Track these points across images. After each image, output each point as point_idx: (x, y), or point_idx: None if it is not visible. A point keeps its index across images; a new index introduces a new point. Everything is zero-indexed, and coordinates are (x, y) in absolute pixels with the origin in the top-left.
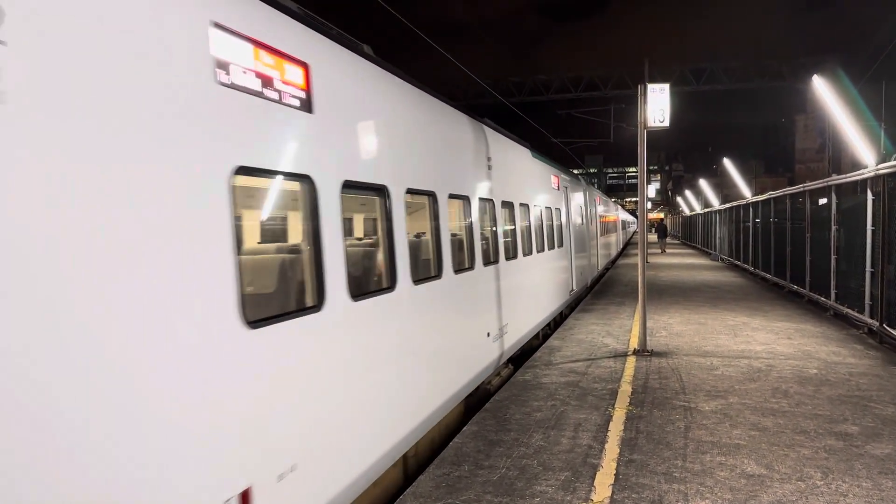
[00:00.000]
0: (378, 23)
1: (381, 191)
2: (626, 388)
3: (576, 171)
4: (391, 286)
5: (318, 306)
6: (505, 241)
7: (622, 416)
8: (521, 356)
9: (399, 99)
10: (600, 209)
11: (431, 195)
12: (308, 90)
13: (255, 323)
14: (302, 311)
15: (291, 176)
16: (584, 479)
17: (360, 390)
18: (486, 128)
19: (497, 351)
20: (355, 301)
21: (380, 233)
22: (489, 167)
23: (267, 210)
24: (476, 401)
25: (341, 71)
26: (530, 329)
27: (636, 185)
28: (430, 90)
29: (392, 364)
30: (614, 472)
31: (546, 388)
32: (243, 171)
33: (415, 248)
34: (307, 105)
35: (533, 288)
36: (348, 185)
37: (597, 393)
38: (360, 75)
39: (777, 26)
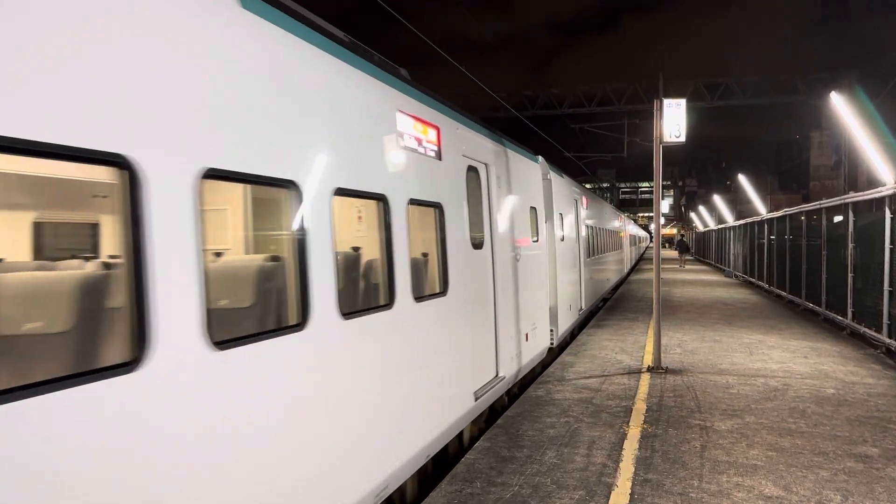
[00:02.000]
0: (390, 35)
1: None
2: (640, 406)
3: (588, 185)
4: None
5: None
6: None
7: (637, 434)
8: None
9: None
10: (588, 216)
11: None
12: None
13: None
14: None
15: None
16: (598, 498)
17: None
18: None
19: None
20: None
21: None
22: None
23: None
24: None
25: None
26: None
27: (649, 199)
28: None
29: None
30: (629, 491)
31: (559, 405)
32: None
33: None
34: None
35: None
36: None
37: (611, 410)
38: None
39: (793, 41)
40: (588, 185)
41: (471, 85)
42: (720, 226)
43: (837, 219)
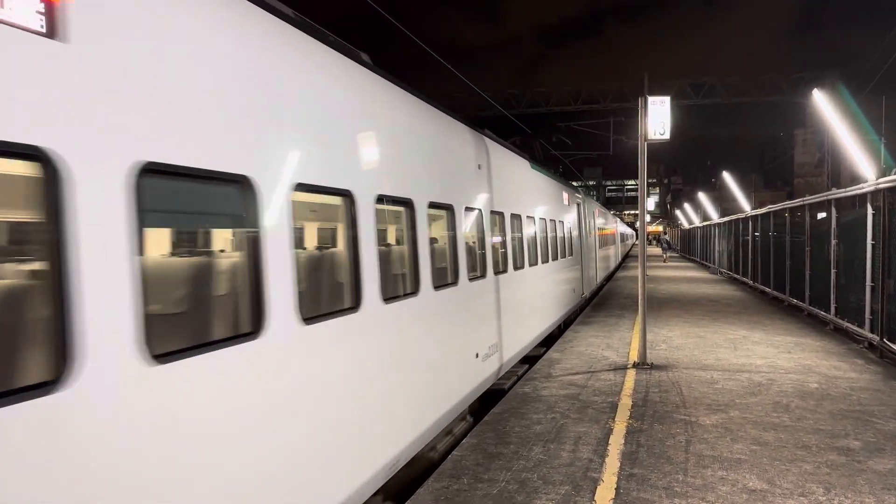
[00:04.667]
0: (382, 37)
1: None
2: (626, 402)
3: (575, 184)
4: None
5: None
6: None
7: (622, 429)
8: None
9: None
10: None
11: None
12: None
13: None
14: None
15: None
16: (584, 493)
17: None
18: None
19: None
20: None
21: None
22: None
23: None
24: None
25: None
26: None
27: (635, 198)
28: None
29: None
30: (615, 486)
31: (546, 401)
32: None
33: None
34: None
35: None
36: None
37: (597, 406)
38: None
39: (776, 41)
40: (575, 184)
41: (458, 85)
42: (705, 223)
43: (821, 215)
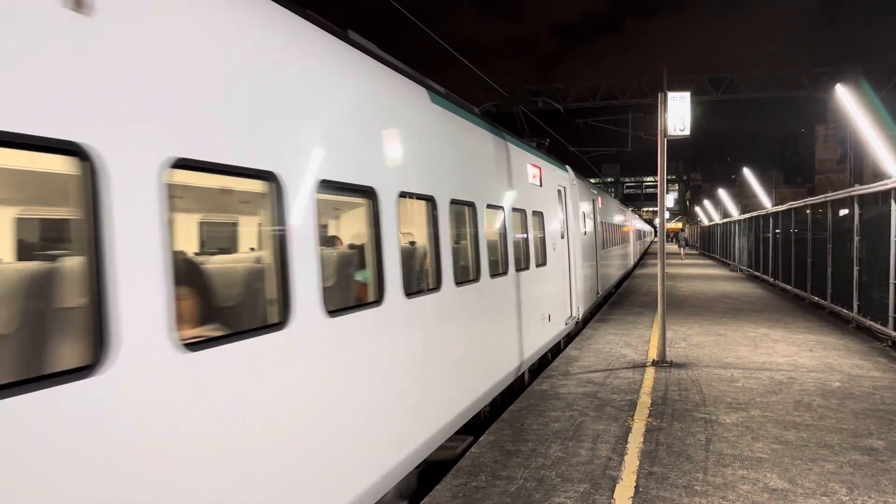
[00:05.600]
0: (400, 33)
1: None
2: (645, 400)
3: (593, 180)
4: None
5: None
6: None
7: (641, 427)
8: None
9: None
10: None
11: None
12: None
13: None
14: None
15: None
16: (603, 491)
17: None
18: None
19: None
20: None
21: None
22: None
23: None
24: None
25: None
26: None
27: (654, 194)
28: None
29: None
30: (634, 484)
31: (564, 399)
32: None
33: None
34: (540, 183)
35: None
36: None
37: (615, 404)
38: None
39: (797, 36)
40: (593, 181)
41: (476, 81)
42: (725, 220)
43: (843, 212)
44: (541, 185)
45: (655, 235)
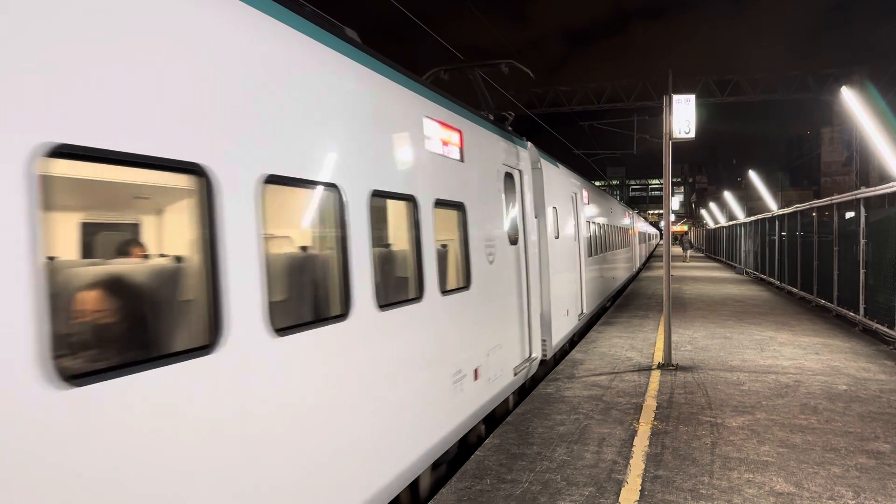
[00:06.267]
0: (406, 37)
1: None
2: (650, 403)
3: (598, 183)
4: None
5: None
6: None
7: (647, 430)
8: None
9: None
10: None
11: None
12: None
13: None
14: None
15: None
16: (608, 494)
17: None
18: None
19: None
20: None
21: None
22: None
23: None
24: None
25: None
26: None
27: (659, 197)
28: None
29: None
30: (639, 488)
31: (569, 402)
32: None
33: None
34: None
35: None
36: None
37: (621, 407)
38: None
39: (802, 38)
40: (598, 183)
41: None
42: (731, 222)
43: (849, 215)
44: (462, 160)
45: (661, 238)
